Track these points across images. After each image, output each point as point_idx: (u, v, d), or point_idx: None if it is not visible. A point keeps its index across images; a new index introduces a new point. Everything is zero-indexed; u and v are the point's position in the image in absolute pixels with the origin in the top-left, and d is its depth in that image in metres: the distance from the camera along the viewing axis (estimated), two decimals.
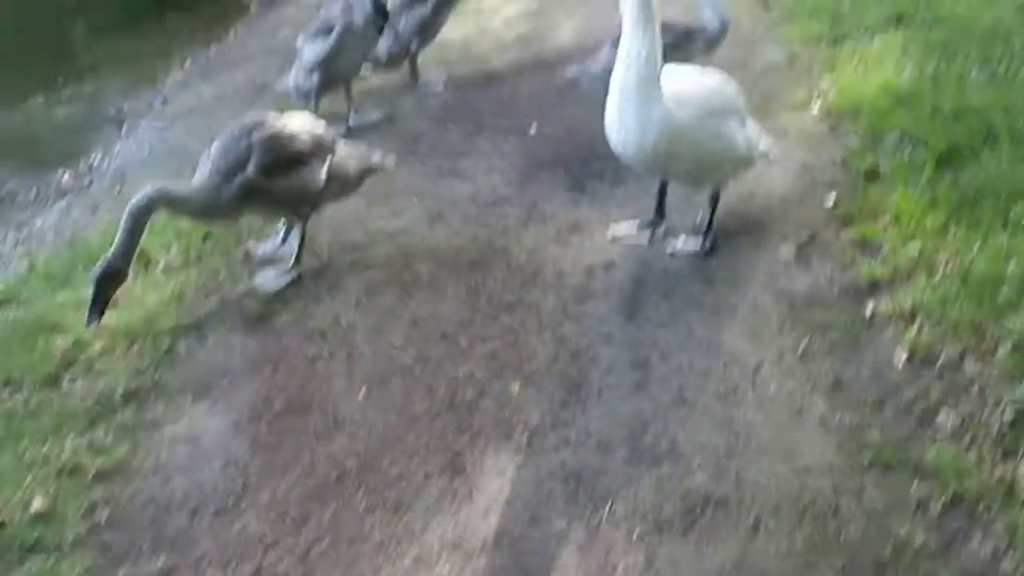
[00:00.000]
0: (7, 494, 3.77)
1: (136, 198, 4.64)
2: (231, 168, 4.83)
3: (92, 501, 3.75)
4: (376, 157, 5.57)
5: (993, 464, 3.50)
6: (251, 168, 4.83)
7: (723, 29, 6.24)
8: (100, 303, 4.54)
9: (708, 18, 6.20)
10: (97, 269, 4.54)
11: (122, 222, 4.59)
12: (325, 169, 5.11)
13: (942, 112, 5.98)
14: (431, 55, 8.45)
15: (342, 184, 5.28)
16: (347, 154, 5.32)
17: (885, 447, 3.59)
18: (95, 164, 8.55)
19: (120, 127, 9.50)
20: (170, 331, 4.82)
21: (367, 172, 5.49)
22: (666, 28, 4.73)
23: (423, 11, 7.80)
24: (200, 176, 4.89)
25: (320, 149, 5.12)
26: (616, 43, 4.59)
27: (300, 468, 3.84)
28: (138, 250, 4.68)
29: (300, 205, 5.09)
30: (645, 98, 4.45)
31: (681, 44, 5.86)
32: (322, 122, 5.32)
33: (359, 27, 6.99)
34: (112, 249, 4.56)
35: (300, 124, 5.15)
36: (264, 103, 8.38)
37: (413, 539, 3.44)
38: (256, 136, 4.92)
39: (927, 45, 7.26)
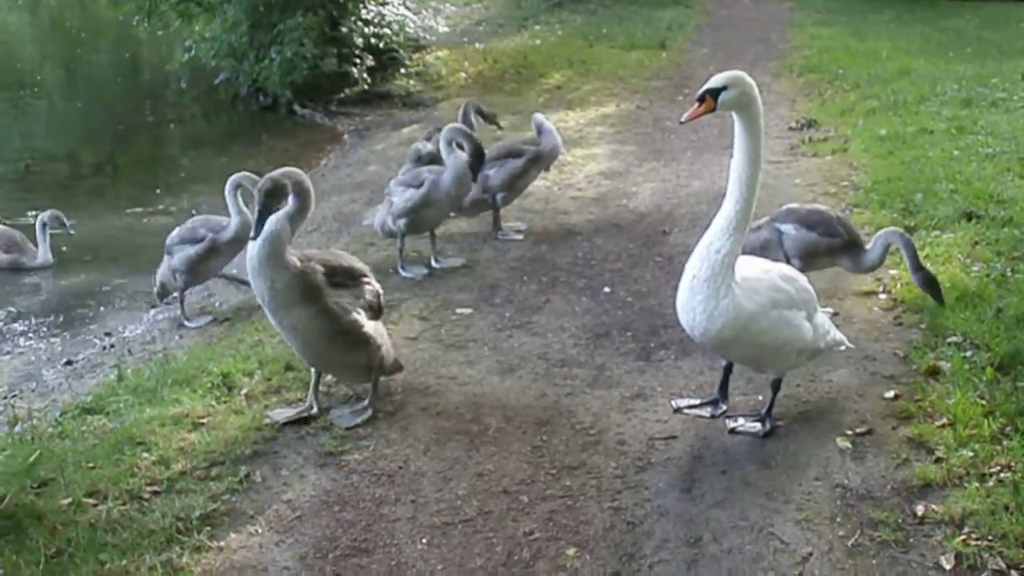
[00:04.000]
0: None
1: None
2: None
3: None
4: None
5: None
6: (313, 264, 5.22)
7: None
8: (265, 215, 5.02)
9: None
10: (265, 182, 5.03)
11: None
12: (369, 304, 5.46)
13: (1006, 316, 6.15)
14: (513, 203, 8.84)
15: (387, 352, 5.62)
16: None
17: None
18: None
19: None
20: (248, 458, 5.08)
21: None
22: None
23: (515, 166, 8.22)
24: None
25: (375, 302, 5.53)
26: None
27: None
28: None
29: (364, 345, 5.38)
30: (714, 290, 4.72)
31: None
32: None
33: (448, 186, 7.41)
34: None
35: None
36: (351, 235, 8.81)
37: None
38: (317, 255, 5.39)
39: (996, 244, 7.48)
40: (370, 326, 5.38)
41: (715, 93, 4.70)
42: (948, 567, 4.11)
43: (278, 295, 5.13)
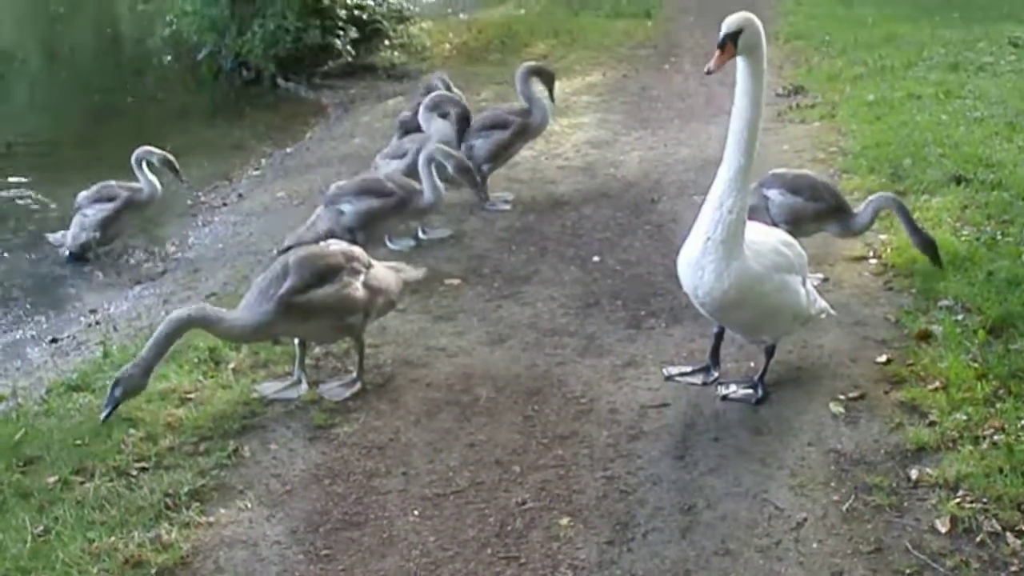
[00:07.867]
0: None
1: (174, 314, 4.96)
2: (269, 286, 5.12)
3: None
4: (410, 271, 5.86)
5: None
6: (286, 284, 5.10)
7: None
8: (113, 406, 4.89)
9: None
10: (119, 375, 4.87)
11: (154, 335, 4.91)
12: (361, 281, 5.35)
13: (996, 279, 6.13)
14: (499, 172, 8.77)
15: (385, 297, 5.52)
16: (383, 270, 5.61)
17: None
18: (170, 253, 8.88)
19: (195, 217, 9.88)
20: (236, 433, 5.03)
21: (405, 286, 5.78)
22: None
23: (501, 137, 8.15)
24: (244, 301, 5.20)
25: (353, 264, 5.38)
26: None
27: None
28: (160, 364, 5.03)
29: (344, 316, 5.30)
30: (728, 250, 4.70)
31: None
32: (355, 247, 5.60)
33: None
34: (138, 360, 4.88)
35: (333, 245, 5.50)
36: None
37: None
38: (292, 258, 5.24)
39: (985, 208, 7.45)
40: (362, 292, 5.32)
41: (734, 37, 4.64)
42: (943, 530, 4.09)
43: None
